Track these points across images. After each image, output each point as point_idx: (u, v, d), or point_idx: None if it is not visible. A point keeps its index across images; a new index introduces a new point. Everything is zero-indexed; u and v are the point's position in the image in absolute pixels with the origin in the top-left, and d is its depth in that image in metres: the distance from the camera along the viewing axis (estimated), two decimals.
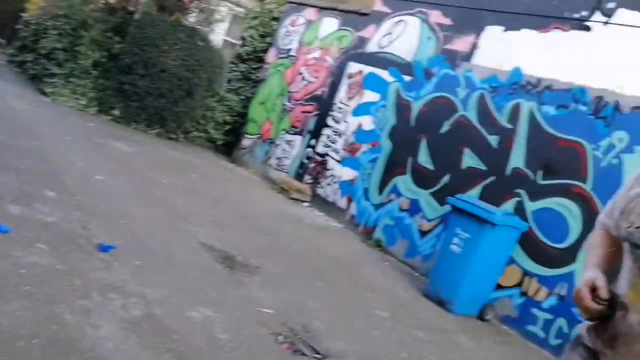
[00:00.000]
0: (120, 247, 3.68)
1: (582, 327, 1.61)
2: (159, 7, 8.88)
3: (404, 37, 7.30)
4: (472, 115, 6.14)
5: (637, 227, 1.44)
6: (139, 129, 8.67)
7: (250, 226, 5.55)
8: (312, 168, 8.15)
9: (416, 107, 6.82)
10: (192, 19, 9.36)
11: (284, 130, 8.91)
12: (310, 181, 8.10)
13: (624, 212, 1.55)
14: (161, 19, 8.71)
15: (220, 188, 6.87)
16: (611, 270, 1.58)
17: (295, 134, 8.67)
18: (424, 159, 6.52)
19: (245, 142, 9.66)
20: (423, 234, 6.27)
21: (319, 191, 7.85)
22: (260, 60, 9.99)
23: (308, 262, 4.98)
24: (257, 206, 6.63)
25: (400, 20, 7.43)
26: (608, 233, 1.68)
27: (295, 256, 5.03)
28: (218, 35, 10.33)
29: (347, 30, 8.27)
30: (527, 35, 5.88)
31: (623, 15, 5.14)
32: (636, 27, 4.99)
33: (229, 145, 9.95)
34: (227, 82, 10.17)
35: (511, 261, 5.23)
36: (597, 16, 5.34)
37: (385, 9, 7.72)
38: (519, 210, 5.35)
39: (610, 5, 5.26)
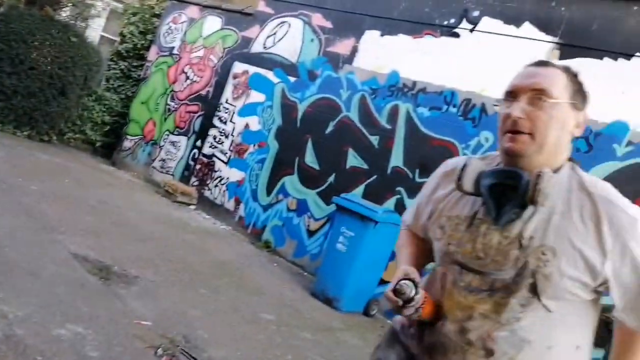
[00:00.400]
0: None
1: (398, 323, 1.55)
2: (27, 0, 8.17)
3: (288, 38, 7.34)
4: (354, 116, 6.32)
5: (449, 244, 1.40)
6: (5, 131, 7.92)
7: (131, 233, 5.28)
8: (199, 170, 7.95)
9: (301, 107, 6.89)
10: (65, 13, 8.71)
11: (168, 130, 8.61)
12: (196, 183, 7.90)
13: (432, 215, 1.51)
14: (30, 13, 8.03)
15: (97, 193, 6.47)
16: (420, 268, 1.54)
17: (180, 134, 8.41)
18: (310, 159, 6.60)
19: (127, 143, 9.21)
20: (311, 233, 6.36)
21: (206, 193, 7.68)
22: (141, 57, 9.58)
23: (192, 268, 4.84)
24: (139, 211, 6.33)
25: (284, 22, 7.47)
26: (413, 233, 1.65)
27: (179, 263, 4.86)
28: (94, 31, 9.74)
29: (231, 29, 8.16)
30: (402, 40, 6.16)
31: (486, 23, 5.55)
32: (497, 34, 5.41)
33: (108, 147, 9.43)
34: (106, 81, 9.64)
35: (393, 256, 5.44)
36: (464, 24, 5.72)
37: (269, 10, 7.72)
38: (400, 207, 5.59)
39: (475, 13, 5.66)
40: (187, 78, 8.57)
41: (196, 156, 8.05)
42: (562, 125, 1.33)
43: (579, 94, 1.38)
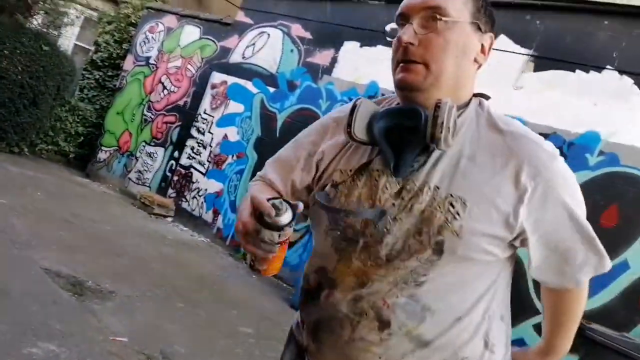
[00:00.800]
0: None
1: (294, 319, 1.33)
2: None
3: (267, 48, 7.32)
4: None
5: (344, 203, 1.13)
6: None
7: (105, 247, 5.15)
8: (176, 181, 7.84)
9: (281, 118, 6.87)
10: (36, 21, 8.53)
11: (144, 141, 8.48)
12: (173, 195, 7.78)
13: (322, 170, 1.21)
14: None
15: (71, 206, 6.31)
16: None
17: (157, 145, 8.29)
18: None
19: (101, 154, 9.04)
20: (290, 244, 6.28)
21: (184, 205, 7.57)
22: (117, 67, 9.44)
23: (169, 282, 4.74)
24: (115, 224, 6.19)
25: (263, 32, 7.45)
26: (274, 188, 1.30)
27: (155, 277, 4.76)
28: (68, 39, 9.57)
29: (209, 39, 8.11)
30: (381, 50, 6.19)
31: None
32: None
33: (82, 159, 9.24)
34: (80, 91, 9.46)
35: None
36: None
37: (248, 20, 7.69)
38: None
39: None
40: (164, 88, 8.47)
41: (173, 167, 7.94)
42: (462, 51, 1.09)
43: (483, 13, 1.12)
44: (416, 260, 1.04)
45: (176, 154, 7.96)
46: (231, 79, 7.61)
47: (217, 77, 7.80)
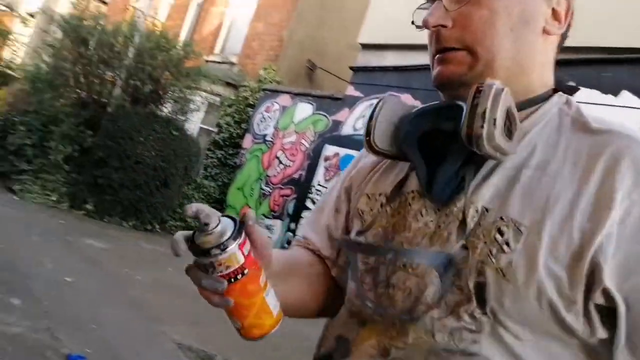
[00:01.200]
0: (91, 355, 3.42)
1: None
2: (132, 99, 8.95)
3: None
4: None
5: (372, 237, 0.82)
6: (113, 222, 8.47)
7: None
8: None
9: None
10: (166, 109, 9.44)
11: (263, 215, 8.81)
12: None
13: (353, 202, 0.92)
14: (135, 111, 8.76)
15: None
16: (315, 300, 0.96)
17: (275, 218, 8.57)
18: None
19: None
20: None
21: None
22: (237, 146, 10.07)
23: (293, 354, 4.71)
24: None
25: (372, 104, 7.58)
26: (309, 251, 0.97)
27: (281, 349, 4.76)
28: (194, 123, 10.43)
29: (321, 114, 8.42)
30: None
31: (584, 93, 5.31)
32: (595, 104, 5.15)
33: None
34: (204, 169, 10.16)
35: None
36: None
37: (358, 94, 7.92)
38: None
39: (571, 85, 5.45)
40: (280, 163, 8.85)
41: (291, 239, 8.11)
42: (521, 20, 0.74)
43: None
44: (456, 317, 0.69)
45: (293, 225, 8.16)
46: (343, 151, 7.77)
47: (329, 150, 8.02)
